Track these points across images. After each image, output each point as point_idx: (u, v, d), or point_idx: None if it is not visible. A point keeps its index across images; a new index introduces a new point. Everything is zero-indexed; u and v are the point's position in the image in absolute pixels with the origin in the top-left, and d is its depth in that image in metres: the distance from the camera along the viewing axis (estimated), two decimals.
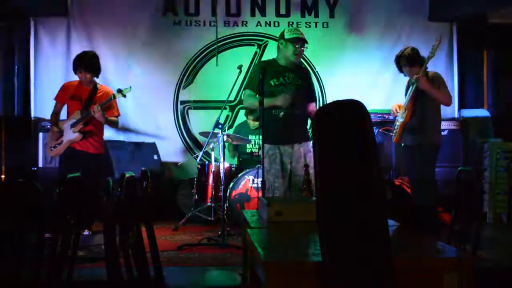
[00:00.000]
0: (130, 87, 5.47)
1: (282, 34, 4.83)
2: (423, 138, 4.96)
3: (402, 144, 5.19)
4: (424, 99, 4.92)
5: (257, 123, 6.45)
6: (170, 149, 7.22)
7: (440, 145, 5.06)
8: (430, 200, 4.92)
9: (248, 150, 6.75)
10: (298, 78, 4.80)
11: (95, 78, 5.46)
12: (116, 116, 5.50)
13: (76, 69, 5.37)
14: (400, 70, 5.19)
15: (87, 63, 5.34)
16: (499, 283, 3.46)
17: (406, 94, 5.15)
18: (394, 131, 5.20)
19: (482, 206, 6.17)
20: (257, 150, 6.66)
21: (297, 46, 4.75)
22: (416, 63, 5.02)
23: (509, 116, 7.07)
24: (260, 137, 4.44)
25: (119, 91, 5.38)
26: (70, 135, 5.30)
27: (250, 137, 6.70)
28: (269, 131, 4.56)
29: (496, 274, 3.57)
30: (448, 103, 5.09)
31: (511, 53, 7.21)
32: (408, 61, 5.05)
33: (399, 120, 5.10)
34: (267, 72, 4.61)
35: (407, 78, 5.27)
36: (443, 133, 6.52)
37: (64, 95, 5.46)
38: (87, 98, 5.37)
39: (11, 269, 2.08)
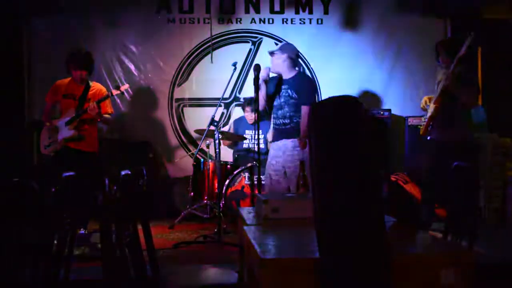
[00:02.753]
0: (128, 84, 5.47)
1: None
2: (453, 135, 4.91)
3: (428, 138, 5.15)
4: (451, 95, 4.88)
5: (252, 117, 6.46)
6: (165, 147, 7.22)
7: (471, 141, 5.06)
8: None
9: (245, 146, 6.73)
10: (289, 89, 5.04)
11: (88, 76, 5.45)
12: (110, 114, 5.49)
13: (70, 67, 5.35)
14: (437, 57, 5.19)
15: (83, 61, 5.33)
16: (495, 278, 3.47)
17: (436, 87, 5.13)
18: (423, 123, 5.18)
19: (477, 201, 6.18)
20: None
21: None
22: (450, 54, 4.96)
23: (503, 111, 7.08)
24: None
25: (117, 87, 5.39)
26: (66, 132, 5.28)
27: (247, 131, 6.69)
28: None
29: (492, 269, 3.58)
30: (469, 104, 5.01)
31: (504, 49, 7.22)
32: (443, 48, 5.04)
33: (428, 113, 5.07)
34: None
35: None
36: None
37: (56, 94, 5.44)
38: (81, 96, 5.35)
39: (8, 268, 2.07)
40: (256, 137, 4.54)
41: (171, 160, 7.06)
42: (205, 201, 6.03)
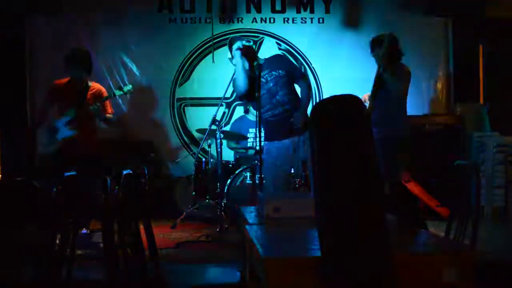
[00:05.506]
0: (132, 85, 5.47)
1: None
2: (385, 131, 4.79)
3: None
4: (384, 90, 4.85)
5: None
6: (167, 147, 7.22)
7: (405, 137, 4.95)
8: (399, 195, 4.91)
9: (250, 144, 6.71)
10: (273, 70, 4.75)
11: (87, 76, 5.44)
12: (110, 114, 5.49)
13: (68, 66, 5.34)
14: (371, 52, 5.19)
15: (81, 60, 5.32)
16: (497, 277, 3.47)
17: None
18: None
19: (479, 200, 6.17)
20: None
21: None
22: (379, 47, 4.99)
23: (505, 110, 7.08)
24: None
25: (120, 88, 5.38)
26: (65, 132, 5.28)
27: (251, 130, 6.68)
28: (264, 131, 4.81)
29: (494, 268, 3.58)
30: (402, 93, 4.97)
31: (506, 47, 7.22)
32: (375, 43, 5.09)
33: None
34: None
35: None
36: (439, 128, 6.52)
37: (55, 93, 5.41)
38: (80, 96, 5.33)
39: (11, 267, 2.07)
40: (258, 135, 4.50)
41: (173, 159, 7.06)
42: (207, 201, 6.03)
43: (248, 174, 5.98)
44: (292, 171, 4.77)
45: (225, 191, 5.89)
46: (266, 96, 4.70)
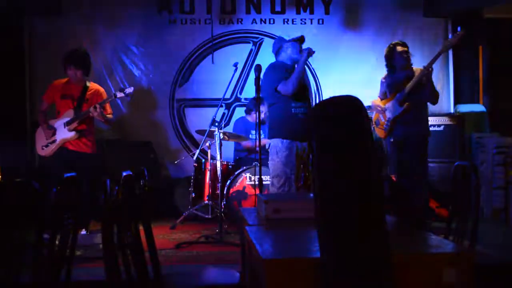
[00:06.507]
0: (132, 88, 5.47)
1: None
2: (417, 131, 4.95)
3: (391, 140, 5.17)
4: (420, 92, 4.92)
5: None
6: (167, 148, 7.22)
7: (427, 135, 5.14)
8: (424, 193, 4.95)
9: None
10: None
11: (85, 77, 5.43)
12: (110, 114, 5.49)
13: (66, 66, 5.33)
14: (389, 60, 5.21)
15: (79, 60, 5.31)
16: (496, 278, 3.47)
17: (389, 91, 5.15)
18: (385, 126, 5.18)
19: (479, 201, 6.17)
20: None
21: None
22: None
23: (504, 110, 7.08)
24: (259, 133, 4.45)
25: (121, 90, 5.38)
26: (65, 134, 5.27)
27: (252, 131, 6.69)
28: (287, 128, 4.72)
29: (493, 269, 3.58)
30: (435, 98, 5.16)
31: (506, 48, 7.22)
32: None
33: (390, 114, 5.08)
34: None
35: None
36: (439, 129, 6.53)
37: (54, 93, 5.41)
38: (79, 97, 5.33)
39: (10, 269, 2.07)
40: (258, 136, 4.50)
41: (173, 160, 7.06)
42: (207, 202, 6.03)
43: (247, 175, 5.98)
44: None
45: (225, 192, 5.89)
46: (303, 94, 4.82)
